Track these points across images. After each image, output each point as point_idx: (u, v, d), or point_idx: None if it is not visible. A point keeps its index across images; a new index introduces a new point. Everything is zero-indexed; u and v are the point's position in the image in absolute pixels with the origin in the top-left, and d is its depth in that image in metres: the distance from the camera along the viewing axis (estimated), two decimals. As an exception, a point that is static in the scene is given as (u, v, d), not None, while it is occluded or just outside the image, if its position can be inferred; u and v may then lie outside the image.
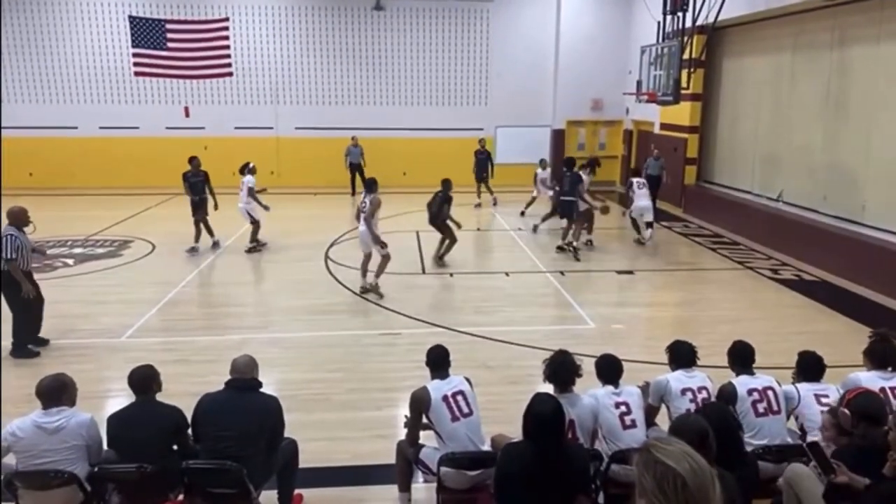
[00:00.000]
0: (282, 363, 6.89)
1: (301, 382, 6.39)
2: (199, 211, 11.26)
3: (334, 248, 11.72)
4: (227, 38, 17.11)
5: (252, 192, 11.30)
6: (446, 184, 10.54)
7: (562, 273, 10.16)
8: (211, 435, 3.77)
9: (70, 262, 10.66)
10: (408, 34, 18.13)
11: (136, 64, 16.89)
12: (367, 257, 9.18)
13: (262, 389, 4.02)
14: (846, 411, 3.60)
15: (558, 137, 18.77)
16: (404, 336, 7.55)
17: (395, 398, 5.91)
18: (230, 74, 17.29)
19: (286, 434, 4.14)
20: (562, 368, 3.97)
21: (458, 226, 10.67)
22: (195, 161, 11.40)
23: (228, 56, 17.14)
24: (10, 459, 3.78)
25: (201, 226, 11.38)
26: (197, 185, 11.23)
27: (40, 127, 17.23)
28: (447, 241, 10.65)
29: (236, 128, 17.97)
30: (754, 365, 4.40)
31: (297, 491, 4.37)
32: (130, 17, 16.60)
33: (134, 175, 17.36)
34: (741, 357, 4.41)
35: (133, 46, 16.76)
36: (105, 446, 3.94)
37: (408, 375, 5.95)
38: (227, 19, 17.09)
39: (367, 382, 6.40)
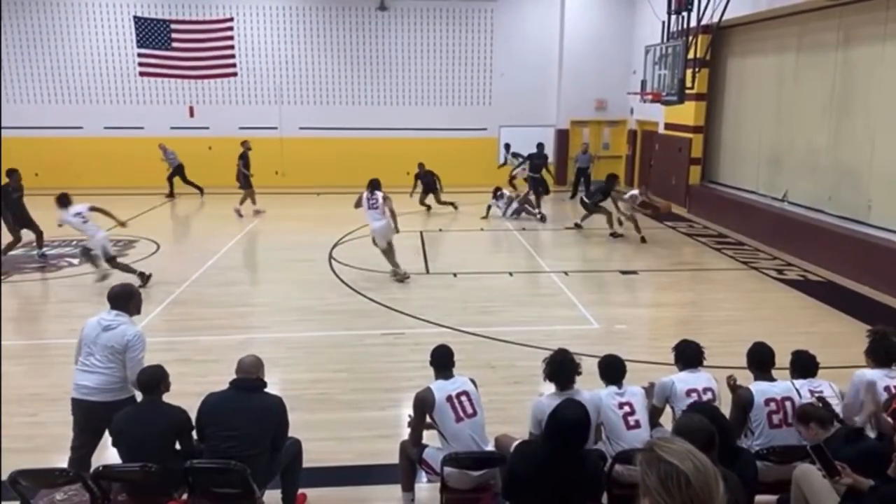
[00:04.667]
0: (285, 363, 6.90)
1: (305, 382, 6.39)
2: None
3: (338, 248, 11.73)
4: (231, 38, 17.20)
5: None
6: (612, 179, 12.37)
7: (566, 273, 10.15)
8: (215, 435, 3.78)
9: (75, 261, 10.69)
10: (411, 34, 18.15)
11: (140, 64, 16.98)
12: (391, 247, 9.66)
13: (266, 389, 4.03)
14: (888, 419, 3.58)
15: (562, 137, 18.76)
16: (408, 336, 7.55)
17: (398, 398, 5.91)
18: (235, 74, 17.38)
19: (290, 434, 4.15)
20: (561, 367, 3.96)
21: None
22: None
23: (233, 56, 17.22)
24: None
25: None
26: None
27: (46, 127, 17.30)
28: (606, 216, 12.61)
29: (241, 128, 17.98)
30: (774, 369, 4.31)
31: (300, 490, 4.38)
32: (135, 17, 16.69)
33: (138, 175, 17.41)
34: (759, 360, 4.31)
35: (138, 46, 16.85)
36: (110, 445, 3.96)
37: (412, 375, 5.96)
38: (231, 19, 17.18)
39: (371, 382, 6.40)
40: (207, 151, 17.46)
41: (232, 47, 17.24)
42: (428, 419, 4.10)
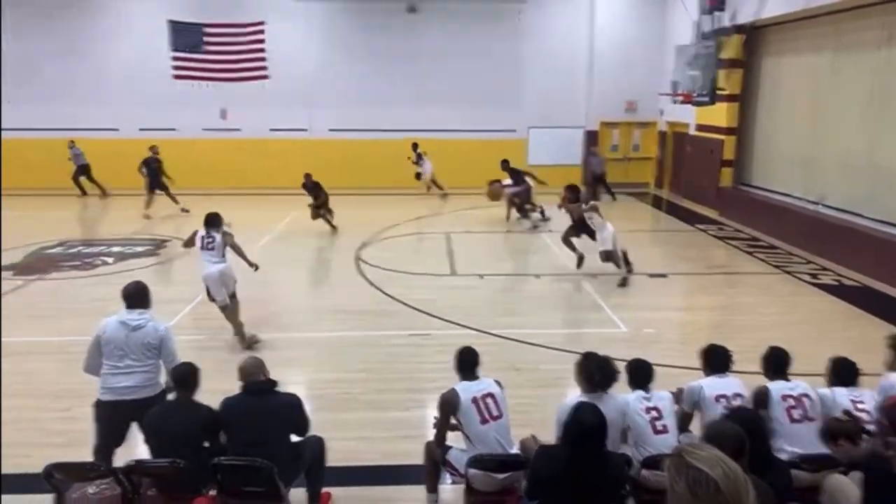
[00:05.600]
0: (311, 363, 6.96)
1: (329, 382, 6.44)
2: None
3: (365, 249, 11.80)
4: (262, 41, 17.44)
5: None
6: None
7: (593, 276, 10.05)
8: (235, 439, 3.87)
9: (109, 260, 10.95)
10: (440, 36, 18.17)
11: (174, 67, 17.32)
12: (234, 300, 7.46)
13: (282, 389, 4.09)
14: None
15: (592, 139, 18.60)
16: (433, 337, 7.56)
17: (423, 399, 5.92)
18: (266, 77, 17.60)
19: (314, 432, 4.18)
20: (599, 371, 3.91)
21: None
22: None
23: (264, 59, 17.47)
24: None
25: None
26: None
27: (83, 129, 17.71)
28: None
29: (271, 129, 18.23)
30: (790, 371, 4.28)
31: (325, 489, 4.41)
32: (170, 21, 17.01)
33: (171, 176, 17.70)
34: (776, 363, 4.29)
35: (172, 50, 17.18)
36: (143, 442, 4.05)
37: (437, 377, 5.95)
38: (262, 23, 17.41)
39: (396, 383, 6.42)
40: (236, 153, 17.72)
41: (263, 50, 17.48)
42: (453, 420, 4.10)
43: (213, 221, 7.46)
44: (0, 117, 15.13)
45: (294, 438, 4.10)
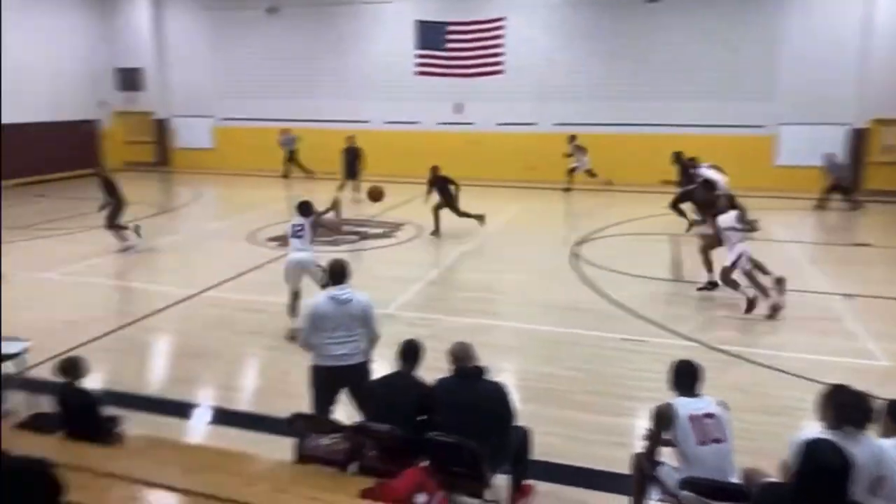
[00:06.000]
0: (521, 353, 7.07)
1: (539, 375, 6.48)
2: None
3: (585, 244, 11.61)
4: (501, 36, 18.00)
5: None
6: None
7: (848, 296, 8.73)
8: (445, 419, 4.06)
9: (354, 238, 12.24)
10: (682, 25, 17.07)
11: (418, 64, 18.67)
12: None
13: (492, 377, 4.23)
14: None
15: (859, 137, 16.09)
16: (650, 345, 7.20)
17: (633, 408, 5.69)
18: (501, 72, 18.14)
19: (521, 422, 4.26)
20: (851, 406, 3.39)
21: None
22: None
23: (501, 55, 18.02)
24: None
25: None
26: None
27: (340, 120, 19.98)
28: None
29: (498, 124, 18.72)
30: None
31: (528, 481, 4.46)
32: (418, 21, 18.34)
33: (410, 165, 19.14)
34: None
35: (417, 48, 18.54)
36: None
37: (651, 386, 5.68)
38: (503, 19, 17.94)
39: (607, 386, 6.25)
40: (470, 146, 18.53)
41: (501, 45, 18.03)
42: (666, 436, 3.88)
43: (303, 209, 7.46)
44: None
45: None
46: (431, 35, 18.42)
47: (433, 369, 4.45)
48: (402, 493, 3.51)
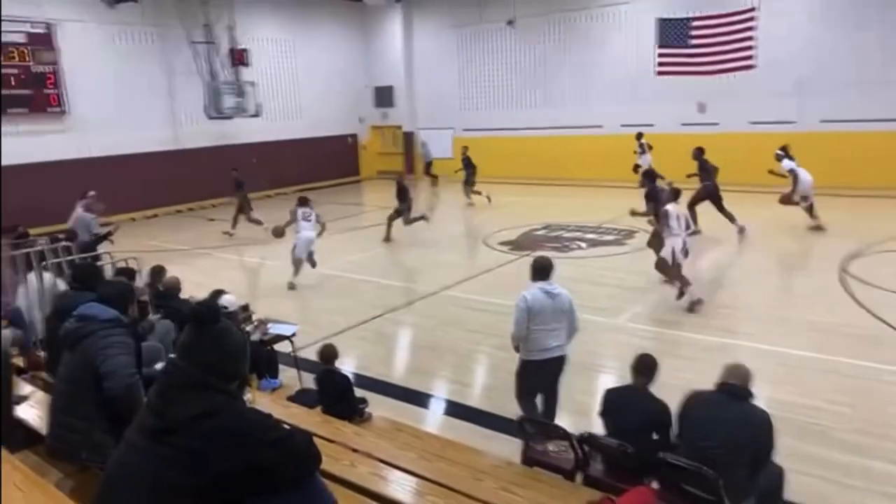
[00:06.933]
0: (773, 379, 6.29)
1: (795, 406, 5.71)
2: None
3: (856, 260, 10.00)
4: (751, 28, 16.35)
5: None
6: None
7: None
8: (691, 437, 3.73)
9: (583, 245, 12.07)
10: None
11: (659, 64, 17.77)
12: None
13: (752, 401, 3.76)
14: None
15: None
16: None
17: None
18: (752, 67, 16.50)
19: (775, 458, 3.78)
20: None
21: None
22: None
23: (751, 48, 16.37)
24: None
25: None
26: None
27: (571, 127, 19.89)
28: None
29: (751, 122, 17.06)
30: None
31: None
32: (659, 19, 17.50)
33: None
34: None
35: (658, 46, 17.67)
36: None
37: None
38: (753, 9, 16.31)
39: (882, 427, 5.29)
40: (714, 148, 17.10)
41: (751, 38, 16.37)
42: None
43: (305, 202, 10.41)
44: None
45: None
46: (674, 32, 17.42)
47: (663, 386, 4.18)
48: (629, 511, 3.34)
